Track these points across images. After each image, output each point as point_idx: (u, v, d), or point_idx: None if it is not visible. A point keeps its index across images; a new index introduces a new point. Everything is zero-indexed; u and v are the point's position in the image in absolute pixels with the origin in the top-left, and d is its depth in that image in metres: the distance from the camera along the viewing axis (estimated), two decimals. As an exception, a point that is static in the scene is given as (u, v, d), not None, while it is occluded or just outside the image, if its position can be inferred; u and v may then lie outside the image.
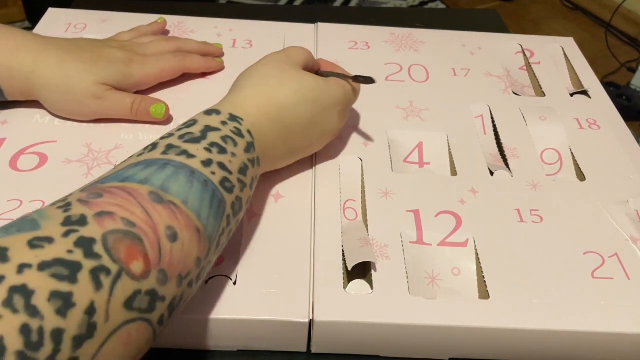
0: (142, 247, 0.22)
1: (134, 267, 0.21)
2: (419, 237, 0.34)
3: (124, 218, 0.22)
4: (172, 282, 0.23)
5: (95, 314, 0.19)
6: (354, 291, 0.31)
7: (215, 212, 0.26)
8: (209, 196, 0.26)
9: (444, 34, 0.53)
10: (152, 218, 0.23)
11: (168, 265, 0.23)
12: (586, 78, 0.49)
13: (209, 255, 0.26)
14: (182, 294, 0.24)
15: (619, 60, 1.59)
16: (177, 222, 0.24)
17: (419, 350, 0.32)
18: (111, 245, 0.21)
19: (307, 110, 0.34)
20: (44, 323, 0.18)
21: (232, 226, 0.28)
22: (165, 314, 0.23)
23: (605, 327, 0.31)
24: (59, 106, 0.39)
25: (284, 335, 0.31)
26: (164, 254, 0.23)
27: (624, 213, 0.37)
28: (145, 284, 0.21)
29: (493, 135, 0.43)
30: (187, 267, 0.24)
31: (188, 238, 0.24)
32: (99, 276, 0.20)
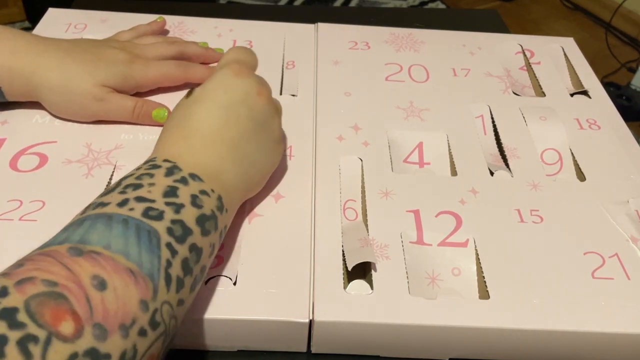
0: (67, 305, 0.20)
1: (63, 328, 0.19)
2: (419, 237, 0.34)
3: (44, 279, 0.20)
4: (115, 335, 0.21)
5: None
6: (354, 291, 0.31)
7: (147, 246, 0.24)
8: (133, 232, 0.24)
9: (444, 34, 0.53)
10: (73, 272, 0.21)
11: (103, 317, 0.21)
12: (586, 78, 0.49)
13: (157, 295, 0.23)
14: (135, 347, 0.21)
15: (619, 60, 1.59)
16: (103, 270, 0.22)
17: (419, 350, 0.32)
18: (34, 310, 0.19)
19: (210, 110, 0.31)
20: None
21: (184, 254, 0.25)
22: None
23: (606, 327, 0.30)
24: (60, 107, 0.39)
25: (284, 336, 0.31)
26: (95, 306, 0.21)
27: (624, 213, 0.37)
28: (80, 343, 0.19)
29: (493, 135, 0.43)
30: (130, 314, 0.22)
31: (120, 283, 0.22)
32: (27, 346, 0.18)
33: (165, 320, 0.24)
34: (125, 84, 0.40)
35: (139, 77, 0.40)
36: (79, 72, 0.38)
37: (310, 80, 0.46)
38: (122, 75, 0.39)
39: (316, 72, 0.47)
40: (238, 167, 0.31)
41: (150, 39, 0.45)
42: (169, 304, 0.24)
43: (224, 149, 0.30)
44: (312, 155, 0.39)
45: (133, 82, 0.40)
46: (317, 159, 0.39)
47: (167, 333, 0.24)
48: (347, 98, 0.44)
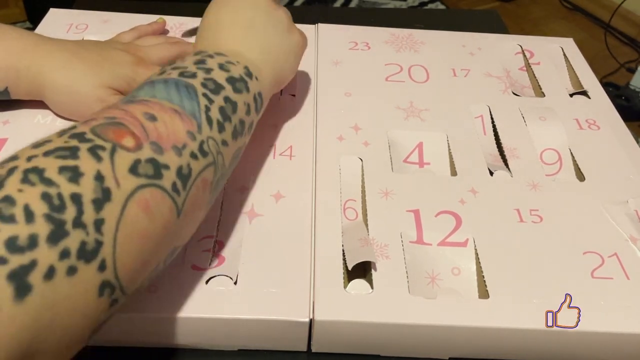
0: (126, 129, 0.24)
1: (125, 142, 0.23)
2: (419, 237, 0.34)
3: (105, 116, 0.24)
4: (170, 152, 0.25)
5: (104, 180, 0.21)
6: (354, 291, 0.31)
7: (187, 94, 0.28)
8: (174, 86, 0.28)
9: (444, 34, 0.53)
10: (128, 110, 0.25)
11: (157, 138, 0.24)
12: (586, 78, 0.49)
13: (202, 129, 0.27)
14: (189, 165, 0.25)
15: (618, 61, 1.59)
16: (152, 109, 0.26)
17: (419, 349, 0.32)
18: (99, 131, 0.23)
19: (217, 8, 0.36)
20: (60, 189, 0.20)
21: (219, 103, 0.29)
22: (177, 182, 0.24)
23: (605, 327, 0.31)
24: (64, 107, 0.39)
25: (284, 335, 0.31)
26: (149, 130, 0.24)
27: (623, 213, 0.37)
28: (141, 153, 0.23)
29: (493, 135, 0.43)
30: (180, 140, 0.25)
31: (168, 117, 0.26)
32: (97, 152, 0.22)
33: (213, 152, 0.28)
34: (129, 87, 0.40)
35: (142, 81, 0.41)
36: (84, 73, 0.38)
37: (311, 81, 0.46)
38: (126, 78, 0.40)
39: (316, 73, 0.47)
40: (256, 46, 0.35)
41: (152, 40, 0.45)
42: (213, 140, 0.28)
43: (240, 35, 0.35)
44: (312, 155, 0.39)
45: (136, 85, 0.40)
46: (317, 159, 0.39)
47: (216, 165, 0.28)
48: (347, 98, 0.44)
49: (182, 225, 0.25)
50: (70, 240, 0.19)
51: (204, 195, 0.27)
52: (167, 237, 0.24)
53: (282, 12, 0.38)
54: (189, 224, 0.26)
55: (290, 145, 0.40)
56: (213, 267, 0.32)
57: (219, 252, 0.33)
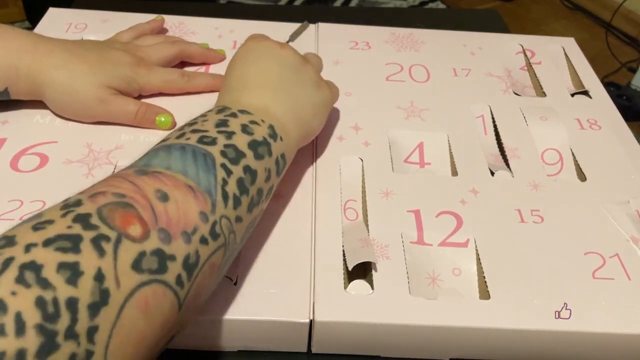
0: (135, 212, 0.22)
1: (132, 231, 0.21)
2: (419, 237, 0.34)
3: (114, 192, 0.23)
4: (178, 240, 0.23)
5: (104, 280, 0.20)
6: (355, 291, 0.31)
7: (204, 165, 0.26)
8: (191, 155, 0.26)
9: (445, 34, 0.53)
10: (139, 187, 0.23)
11: (167, 223, 0.23)
12: (587, 78, 0.49)
13: (216, 209, 0.25)
14: (197, 252, 0.24)
15: (619, 60, 1.59)
16: (165, 185, 0.24)
17: (419, 350, 0.32)
18: (106, 215, 0.21)
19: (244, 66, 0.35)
20: (57, 293, 0.18)
21: (238, 174, 0.28)
22: (182, 274, 0.23)
23: (606, 328, 0.30)
24: (63, 107, 0.39)
25: (284, 336, 0.31)
26: (159, 214, 0.23)
27: (624, 213, 0.37)
28: (147, 244, 0.22)
29: (494, 135, 0.43)
30: (191, 223, 0.24)
31: (181, 196, 0.24)
32: (100, 243, 0.20)
33: (225, 233, 0.26)
34: (129, 87, 0.40)
35: (142, 82, 0.41)
36: (84, 73, 0.38)
37: (311, 80, 0.46)
38: (126, 78, 0.39)
39: (317, 72, 0.46)
40: (284, 102, 0.34)
41: (151, 39, 0.45)
42: (227, 219, 0.26)
43: (267, 92, 0.33)
44: (312, 155, 0.39)
45: (136, 86, 0.41)
46: (317, 159, 0.39)
47: (227, 246, 0.26)
48: (348, 98, 0.44)
49: (183, 317, 0.24)
50: (60, 354, 0.18)
51: (209, 282, 0.25)
52: (164, 331, 0.23)
53: (310, 67, 0.36)
54: (190, 313, 0.25)
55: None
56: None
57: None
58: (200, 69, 0.46)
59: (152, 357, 0.23)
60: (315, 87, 0.36)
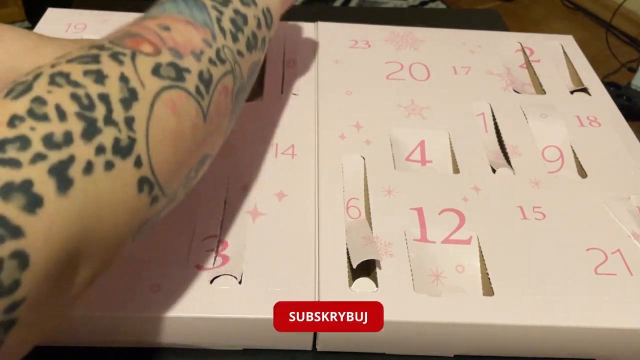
0: (143, 38, 0.24)
1: (144, 48, 0.23)
2: (422, 235, 0.34)
3: (122, 30, 0.25)
4: (189, 57, 0.25)
5: (129, 81, 0.22)
6: (359, 289, 0.31)
7: (196, 7, 0.27)
8: (182, 2, 0.27)
9: (444, 32, 0.53)
10: (142, 24, 0.25)
11: (174, 44, 0.24)
12: (586, 75, 0.49)
13: (216, 38, 0.27)
14: (209, 71, 0.25)
15: (619, 60, 1.59)
16: (164, 21, 0.26)
17: (423, 347, 0.32)
18: (117, 42, 0.23)
19: None
20: (88, 90, 0.20)
21: (229, 14, 0.28)
22: (199, 86, 0.25)
23: (609, 323, 0.31)
24: None
25: (289, 334, 0.31)
26: (166, 38, 0.24)
27: (625, 209, 0.37)
28: (161, 57, 0.23)
29: (494, 132, 0.43)
30: (197, 46, 0.25)
31: (182, 27, 0.26)
32: (118, 56, 0.22)
33: (230, 60, 0.27)
34: None
35: None
36: None
37: (312, 79, 0.46)
38: None
39: (317, 71, 0.47)
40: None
41: None
42: (229, 48, 0.28)
43: None
44: (314, 153, 0.39)
45: None
46: (319, 158, 0.39)
47: (234, 74, 0.28)
48: (349, 96, 0.44)
49: (209, 130, 0.26)
50: (104, 137, 0.20)
51: (226, 102, 0.27)
52: (195, 140, 0.25)
53: None
54: (215, 132, 0.27)
55: (292, 144, 0.40)
56: (217, 266, 0.32)
57: (222, 252, 0.33)
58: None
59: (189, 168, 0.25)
60: None
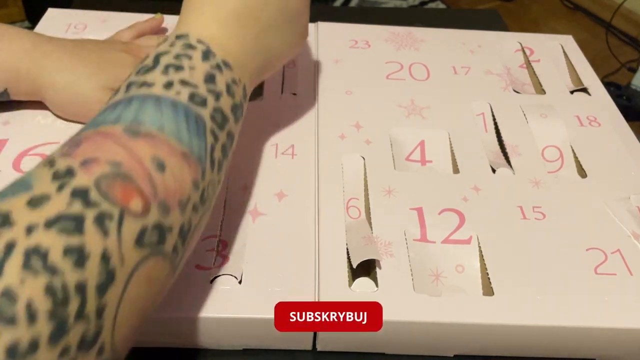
0: (134, 184, 0.22)
1: (133, 206, 0.21)
2: (422, 235, 0.34)
3: (109, 160, 0.22)
4: (175, 211, 0.23)
5: (110, 260, 0.20)
6: (359, 289, 0.31)
7: (195, 130, 0.25)
8: (183, 117, 0.25)
9: (444, 32, 0.53)
10: (135, 154, 0.22)
11: (165, 195, 0.23)
12: (585, 75, 0.49)
13: (205, 176, 0.25)
14: (190, 220, 0.24)
15: (619, 60, 1.59)
16: (161, 151, 0.23)
17: (423, 347, 0.32)
18: (105, 189, 0.21)
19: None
20: (65, 278, 0.18)
21: (223, 140, 0.27)
22: (177, 243, 0.23)
23: (609, 323, 0.31)
24: (64, 108, 0.39)
25: (289, 334, 0.31)
26: (158, 185, 0.22)
27: (625, 209, 0.37)
28: (149, 219, 0.22)
29: (494, 132, 0.43)
30: (185, 192, 0.24)
31: (176, 164, 0.24)
32: (104, 222, 0.20)
33: (210, 198, 0.27)
34: None
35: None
36: (85, 75, 0.38)
37: (311, 79, 0.46)
38: None
39: (317, 71, 0.47)
40: (261, 55, 0.32)
41: (153, 40, 0.45)
42: (212, 184, 0.27)
43: (253, 35, 0.31)
44: (314, 153, 0.39)
45: None
46: (319, 158, 0.39)
47: (209, 208, 0.27)
48: (348, 96, 0.44)
49: (174, 279, 0.25)
50: (71, 337, 0.18)
51: (196, 241, 0.26)
52: (160, 298, 0.24)
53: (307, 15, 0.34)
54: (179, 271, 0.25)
55: (292, 144, 0.40)
56: (217, 266, 0.32)
57: (222, 252, 0.33)
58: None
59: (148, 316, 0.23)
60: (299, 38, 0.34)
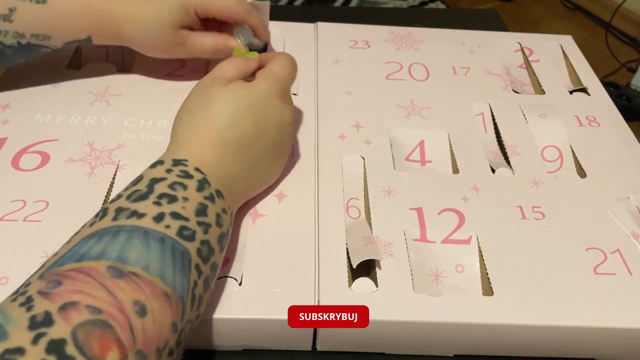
0: (113, 334, 0.21)
1: (110, 358, 0.20)
2: (422, 235, 0.34)
3: (89, 305, 0.21)
4: (152, 359, 0.22)
5: None
6: (359, 289, 0.31)
7: (181, 268, 0.25)
8: (169, 253, 0.25)
9: (443, 32, 0.53)
10: (116, 297, 0.22)
11: (143, 344, 0.22)
12: (585, 76, 0.49)
13: (184, 315, 0.25)
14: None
15: (619, 61, 1.59)
16: (143, 294, 0.23)
17: (423, 347, 0.32)
18: (82, 342, 0.20)
19: (247, 117, 0.31)
20: None
21: (206, 273, 0.27)
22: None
23: (608, 322, 0.31)
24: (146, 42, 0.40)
25: (289, 334, 0.31)
26: (137, 333, 0.22)
27: (625, 209, 0.37)
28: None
29: (494, 132, 0.43)
30: (164, 338, 0.23)
31: (158, 307, 0.23)
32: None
33: (187, 338, 0.26)
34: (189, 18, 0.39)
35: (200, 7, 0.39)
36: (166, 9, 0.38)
37: (311, 79, 0.46)
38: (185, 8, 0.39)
39: (317, 71, 0.47)
40: (250, 183, 0.33)
41: None
42: (191, 323, 0.26)
43: (245, 165, 0.32)
44: (314, 154, 0.39)
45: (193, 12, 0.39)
46: (319, 158, 0.39)
47: (183, 349, 0.26)
48: (348, 97, 0.44)
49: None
50: None
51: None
52: None
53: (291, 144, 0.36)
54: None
55: (292, 145, 0.40)
56: (217, 266, 0.32)
57: (222, 252, 0.33)
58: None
59: None
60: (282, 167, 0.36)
